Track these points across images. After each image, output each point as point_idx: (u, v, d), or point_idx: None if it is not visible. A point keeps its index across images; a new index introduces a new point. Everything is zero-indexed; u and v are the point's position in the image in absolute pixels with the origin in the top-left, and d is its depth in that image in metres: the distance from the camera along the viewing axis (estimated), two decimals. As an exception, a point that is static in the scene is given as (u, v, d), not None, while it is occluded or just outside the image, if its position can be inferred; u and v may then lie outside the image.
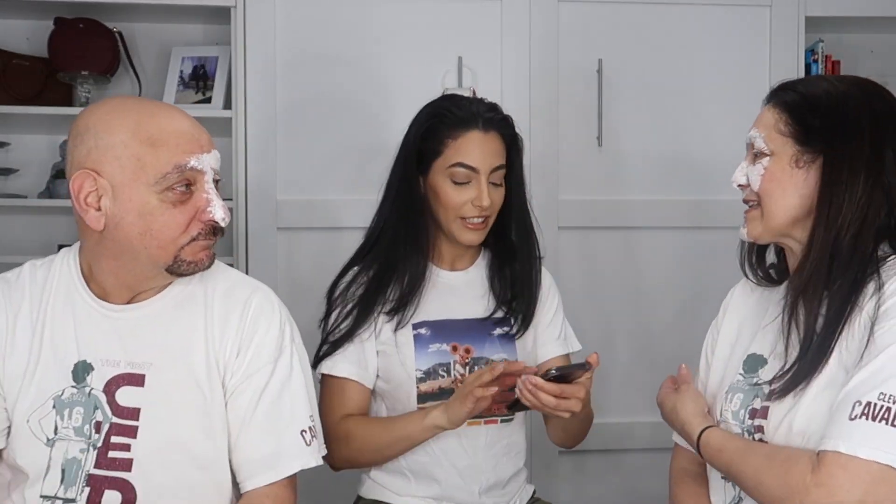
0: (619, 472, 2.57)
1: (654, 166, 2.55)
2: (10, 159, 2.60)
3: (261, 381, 1.36)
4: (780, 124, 1.28)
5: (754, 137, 1.31)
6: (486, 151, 1.64)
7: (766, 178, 1.28)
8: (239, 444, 1.35)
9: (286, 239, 2.45)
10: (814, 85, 1.31)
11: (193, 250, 1.29)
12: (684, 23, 2.55)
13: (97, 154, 1.24)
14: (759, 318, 1.39)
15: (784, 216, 1.27)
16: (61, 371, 1.29)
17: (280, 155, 2.44)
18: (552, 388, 1.46)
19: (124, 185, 1.24)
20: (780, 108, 1.29)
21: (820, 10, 2.56)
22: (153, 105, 1.32)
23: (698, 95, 2.56)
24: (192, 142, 1.28)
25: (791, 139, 1.27)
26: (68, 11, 2.47)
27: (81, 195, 1.25)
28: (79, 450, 1.28)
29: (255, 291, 1.40)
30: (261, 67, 2.42)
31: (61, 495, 1.27)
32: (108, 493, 1.28)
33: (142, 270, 1.31)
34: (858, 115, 1.24)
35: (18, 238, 2.53)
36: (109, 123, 1.25)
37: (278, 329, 1.39)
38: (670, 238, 2.56)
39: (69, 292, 1.33)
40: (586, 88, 2.51)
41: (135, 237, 1.26)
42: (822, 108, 1.26)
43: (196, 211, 1.28)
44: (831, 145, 1.24)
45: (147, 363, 1.31)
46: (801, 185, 1.26)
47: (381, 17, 2.47)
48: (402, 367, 1.66)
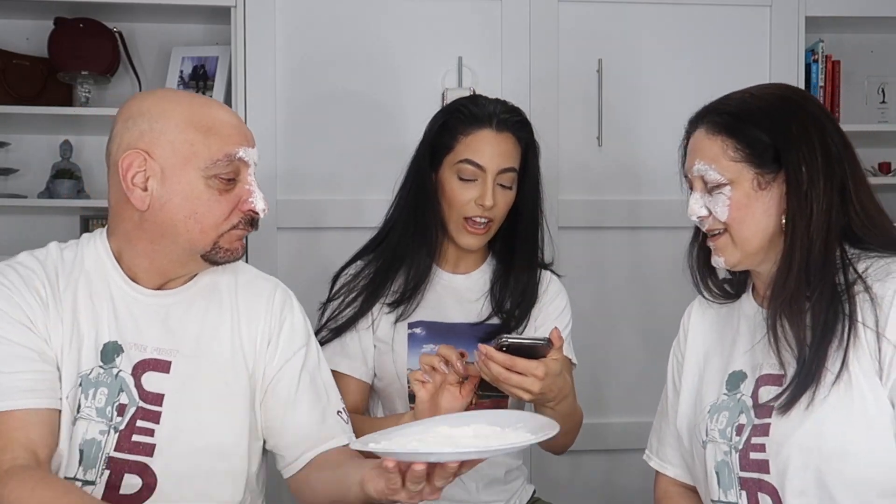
0: (620, 472, 2.57)
1: (654, 166, 2.55)
2: (10, 159, 2.60)
3: (297, 364, 1.42)
4: (729, 150, 1.25)
5: (703, 171, 1.27)
6: (496, 151, 1.63)
7: (732, 207, 1.25)
8: (286, 426, 1.40)
9: (286, 239, 2.45)
10: (741, 102, 1.28)
11: (231, 239, 1.33)
12: (684, 23, 2.55)
13: (151, 136, 1.28)
14: (728, 336, 1.37)
15: (759, 240, 1.25)
16: (92, 349, 1.30)
17: (280, 155, 2.44)
18: (502, 358, 1.33)
19: (175, 168, 1.28)
20: (722, 133, 1.26)
21: (820, 10, 2.56)
22: (204, 98, 1.40)
23: (698, 95, 2.55)
24: (241, 135, 1.34)
25: (745, 164, 1.24)
26: (68, 11, 2.48)
27: (129, 174, 1.28)
28: (98, 431, 1.28)
29: (276, 284, 1.48)
30: (261, 67, 2.42)
31: (80, 477, 1.27)
32: (128, 476, 1.29)
33: (178, 256, 1.33)
34: (802, 121, 1.23)
35: (18, 238, 2.53)
36: (164, 109, 1.30)
37: (302, 318, 1.47)
38: (671, 238, 2.55)
39: (101, 273, 1.34)
40: (586, 88, 2.51)
41: (179, 220, 1.29)
42: (765, 123, 1.24)
43: (238, 200, 1.32)
44: (787, 158, 1.22)
45: (174, 350, 1.33)
46: (768, 206, 1.24)
47: (380, 17, 2.47)
48: (393, 365, 1.66)
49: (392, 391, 1.67)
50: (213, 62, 2.56)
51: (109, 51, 2.51)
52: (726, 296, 1.39)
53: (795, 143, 1.22)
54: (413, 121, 1.85)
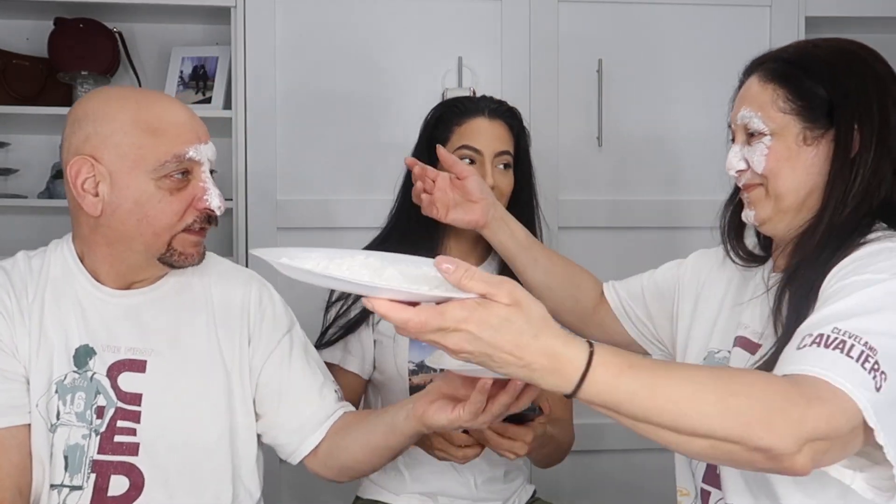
0: (620, 472, 2.57)
1: (654, 166, 2.56)
2: (10, 159, 2.60)
3: (284, 349, 1.42)
4: (780, 101, 1.16)
5: (748, 119, 1.18)
6: (490, 136, 1.67)
7: (771, 157, 1.16)
8: (282, 415, 1.40)
9: (286, 239, 2.45)
10: (801, 51, 1.19)
11: (185, 243, 1.30)
12: (684, 23, 2.55)
13: (96, 140, 1.25)
14: (732, 290, 1.32)
15: (795, 196, 1.16)
16: (63, 355, 1.29)
17: (280, 155, 2.44)
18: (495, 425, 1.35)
19: (123, 172, 1.25)
20: (775, 81, 1.17)
21: (820, 10, 2.56)
22: (152, 94, 1.33)
23: (698, 95, 2.56)
24: (191, 132, 1.29)
25: (795, 116, 1.15)
26: (68, 11, 2.47)
27: (79, 181, 1.26)
28: (81, 436, 1.28)
29: (250, 276, 1.46)
30: (261, 67, 2.42)
31: (67, 483, 1.27)
32: (114, 478, 1.29)
33: (136, 260, 1.32)
34: (864, 79, 1.13)
35: (18, 238, 2.53)
36: (109, 111, 1.26)
37: (282, 305, 1.47)
38: (671, 238, 2.56)
39: (68, 278, 1.33)
40: (586, 88, 2.51)
41: (132, 224, 1.27)
42: (823, 75, 1.14)
43: (192, 199, 1.29)
44: (840, 116, 1.13)
45: (148, 349, 1.33)
46: (811, 163, 1.14)
47: (381, 17, 2.47)
48: (394, 359, 1.67)
49: (393, 385, 1.69)
50: (213, 62, 2.56)
51: (109, 51, 2.51)
52: (750, 259, 1.31)
53: (852, 102, 1.12)
54: (413, 121, 1.85)
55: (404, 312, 0.86)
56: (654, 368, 0.91)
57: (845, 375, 0.91)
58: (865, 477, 0.98)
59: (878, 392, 0.91)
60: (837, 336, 0.95)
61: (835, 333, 0.96)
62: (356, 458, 1.39)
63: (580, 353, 0.88)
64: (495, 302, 0.86)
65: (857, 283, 1.02)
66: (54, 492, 1.28)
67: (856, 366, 0.92)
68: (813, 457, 0.89)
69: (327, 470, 1.43)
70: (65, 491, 1.27)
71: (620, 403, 0.89)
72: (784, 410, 0.88)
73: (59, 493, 1.27)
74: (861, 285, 1.01)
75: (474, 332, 0.86)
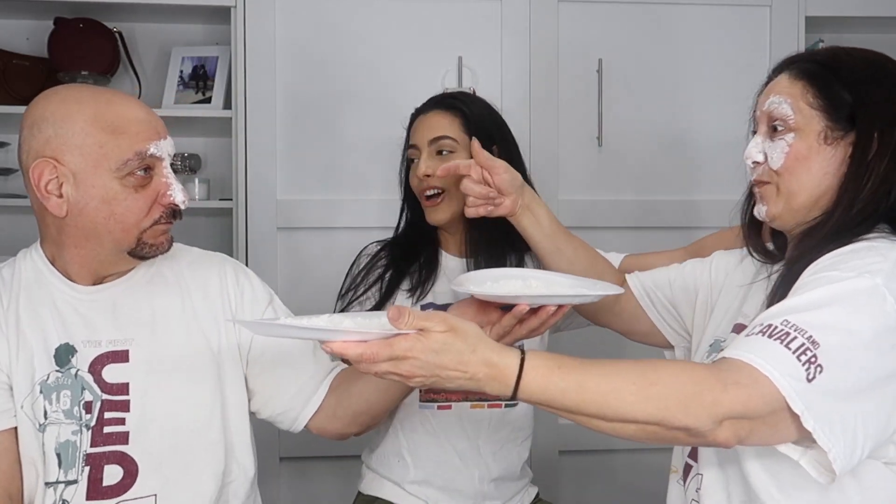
0: (620, 472, 2.57)
1: (654, 166, 2.56)
2: (11, 159, 2.60)
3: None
4: (808, 96, 1.18)
5: (776, 104, 1.20)
6: (424, 127, 1.72)
7: (790, 155, 1.18)
8: (281, 383, 1.43)
9: (286, 239, 2.45)
10: (832, 55, 1.22)
11: (155, 234, 1.33)
12: (684, 23, 2.55)
13: (57, 142, 1.26)
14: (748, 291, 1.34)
15: (808, 195, 1.18)
16: (43, 356, 1.31)
17: (280, 155, 2.44)
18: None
19: (87, 172, 1.27)
20: (805, 78, 1.19)
21: (820, 10, 2.56)
22: (108, 93, 1.34)
23: (698, 96, 2.56)
24: (151, 129, 1.31)
25: (821, 113, 1.17)
26: (68, 11, 2.48)
27: (42, 183, 1.27)
28: (71, 432, 1.30)
29: (223, 259, 1.49)
30: (261, 67, 2.42)
31: (62, 479, 1.29)
32: (108, 468, 1.31)
33: (106, 255, 1.33)
34: (889, 90, 1.17)
35: (18, 238, 2.52)
36: (68, 112, 1.27)
37: (258, 280, 1.50)
38: (671, 238, 2.55)
39: (41, 282, 1.35)
40: (586, 88, 2.51)
41: (100, 222, 1.28)
42: (850, 81, 1.18)
43: (157, 195, 1.32)
44: (862, 122, 1.16)
45: (128, 339, 1.35)
46: (827, 164, 1.17)
47: (381, 17, 2.47)
48: None
49: None
50: (213, 62, 2.56)
51: (109, 51, 2.51)
52: (767, 257, 1.33)
53: (875, 110, 1.16)
54: (413, 121, 1.85)
55: (357, 348, 1.01)
56: (581, 367, 1.04)
57: (773, 364, 0.99)
58: (812, 454, 1.03)
59: (810, 382, 0.98)
60: (784, 328, 1.02)
61: (783, 326, 1.02)
62: (368, 400, 1.42)
63: (513, 361, 1.02)
64: (433, 331, 1.01)
65: (823, 279, 1.07)
66: (49, 489, 1.29)
67: (789, 356, 0.99)
68: (735, 433, 1.00)
69: (337, 420, 1.45)
70: (60, 487, 1.29)
71: (553, 400, 1.02)
72: (698, 395, 0.99)
73: (54, 490, 1.29)
74: (825, 281, 1.06)
75: (421, 357, 1.00)
